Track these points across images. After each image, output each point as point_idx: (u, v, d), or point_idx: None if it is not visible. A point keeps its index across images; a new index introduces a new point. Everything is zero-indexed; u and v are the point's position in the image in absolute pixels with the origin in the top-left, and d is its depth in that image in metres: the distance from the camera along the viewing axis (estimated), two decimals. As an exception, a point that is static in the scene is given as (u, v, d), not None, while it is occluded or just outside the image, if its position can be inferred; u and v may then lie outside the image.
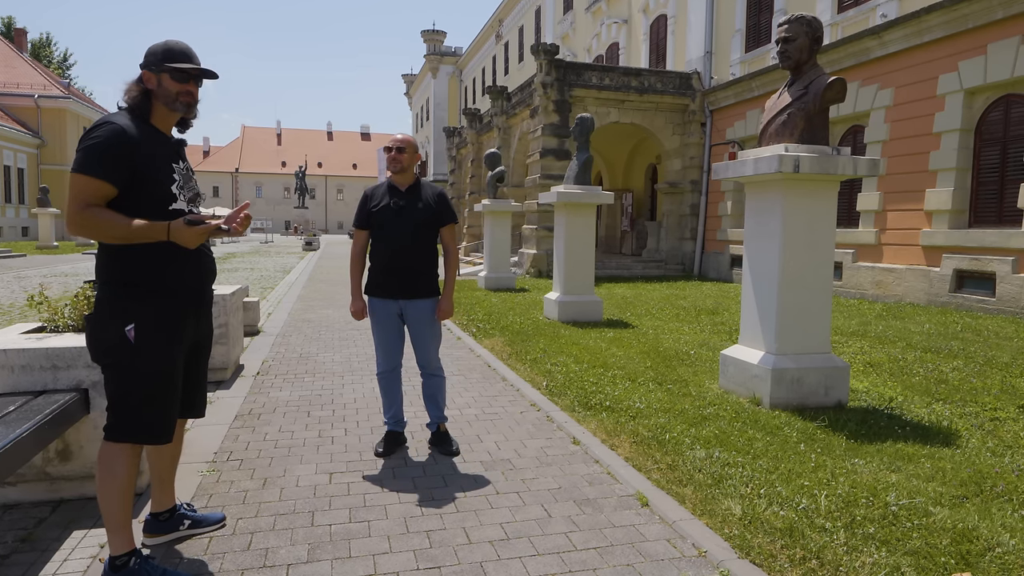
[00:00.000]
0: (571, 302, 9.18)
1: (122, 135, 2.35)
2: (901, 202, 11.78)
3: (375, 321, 3.93)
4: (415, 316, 3.88)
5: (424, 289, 3.87)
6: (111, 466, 2.44)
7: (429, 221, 3.84)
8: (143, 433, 2.48)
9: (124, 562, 2.41)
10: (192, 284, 2.61)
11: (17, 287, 13.34)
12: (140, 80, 2.50)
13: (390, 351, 3.95)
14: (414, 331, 3.93)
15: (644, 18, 22.10)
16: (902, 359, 6.64)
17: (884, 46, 12.02)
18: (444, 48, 53.87)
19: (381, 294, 3.87)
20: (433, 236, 3.91)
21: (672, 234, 18.86)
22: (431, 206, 3.84)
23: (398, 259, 3.82)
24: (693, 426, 4.37)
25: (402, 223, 3.80)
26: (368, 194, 3.97)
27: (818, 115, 4.85)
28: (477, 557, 2.72)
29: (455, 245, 4.01)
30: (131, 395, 2.44)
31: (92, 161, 2.30)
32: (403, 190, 3.87)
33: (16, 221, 37.02)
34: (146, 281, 2.45)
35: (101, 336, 2.44)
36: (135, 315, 2.41)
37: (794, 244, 4.90)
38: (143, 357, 2.42)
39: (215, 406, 4.85)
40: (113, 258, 2.43)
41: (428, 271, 3.90)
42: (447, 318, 3.96)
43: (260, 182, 78.36)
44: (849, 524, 2.96)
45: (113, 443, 2.45)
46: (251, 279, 15.94)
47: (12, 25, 50.59)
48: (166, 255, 2.46)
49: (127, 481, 2.45)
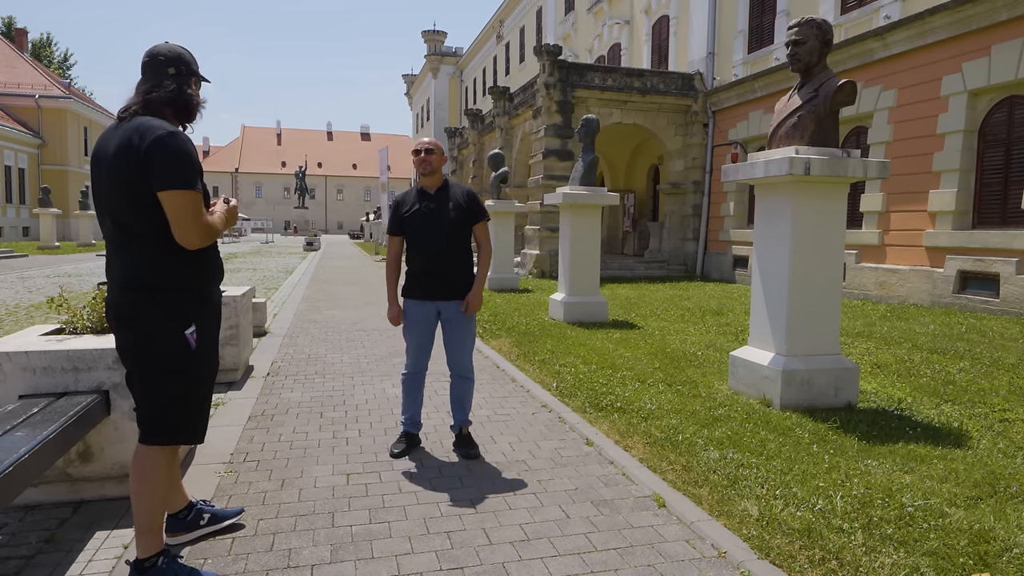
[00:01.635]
0: (577, 303, 9.20)
1: (194, 147, 2.44)
2: (905, 203, 11.81)
3: (410, 323, 3.94)
4: (451, 317, 3.90)
5: (461, 290, 3.89)
6: (152, 470, 2.46)
7: (461, 221, 3.86)
8: (189, 435, 2.54)
9: (153, 563, 2.42)
10: (217, 285, 2.68)
11: (21, 287, 13.35)
12: (193, 91, 2.55)
13: (421, 353, 3.97)
14: (448, 331, 3.94)
15: (646, 19, 22.12)
16: (909, 360, 6.67)
17: (888, 47, 12.05)
18: (445, 48, 53.88)
19: (419, 296, 3.89)
20: (467, 236, 3.93)
21: (674, 235, 18.89)
22: (462, 206, 3.86)
23: (434, 262, 3.84)
24: (705, 427, 4.40)
25: (435, 226, 3.81)
26: (399, 200, 3.99)
27: (828, 117, 4.88)
28: (499, 558, 2.75)
29: (489, 241, 4.04)
30: (188, 398, 2.49)
31: (192, 177, 2.36)
32: (433, 193, 3.88)
33: (17, 221, 37.00)
34: (199, 284, 2.52)
35: (157, 340, 2.41)
36: (196, 318, 2.47)
37: (804, 245, 4.92)
38: (201, 360, 2.48)
39: (228, 407, 4.87)
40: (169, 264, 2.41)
41: (464, 271, 3.92)
42: (475, 311, 3.96)
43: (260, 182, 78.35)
44: (866, 525, 2.98)
45: (154, 447, 2.47)
46: (254, 279, 15.96)
47: (13, 25, 50.57)
48: (212, 259, 2.58)
49: (167, 484, 2.50)
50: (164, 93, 2.45)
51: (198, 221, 2.36)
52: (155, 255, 2.39)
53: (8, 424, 2.64)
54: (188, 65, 2.53)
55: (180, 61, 2.51)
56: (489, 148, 22.84)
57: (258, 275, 17.48)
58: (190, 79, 2.54)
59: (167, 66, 2.47)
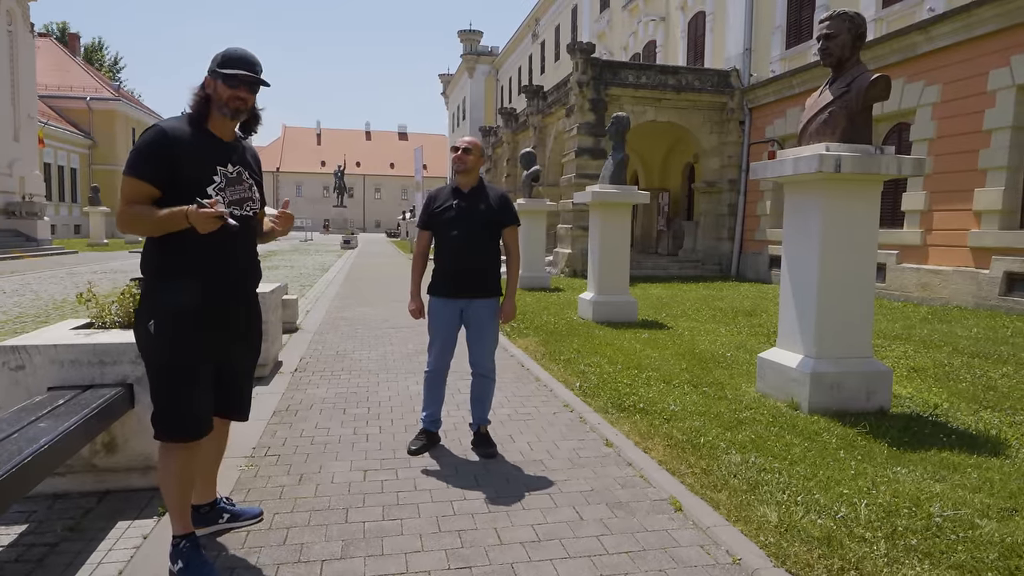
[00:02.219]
0: (605, 302, 9.13)
1: (163, 138, 2.45)
2: (948, 202, 11.41)
3: (434, 320, 3.96)
4: (475, 315, 3.90)
5: (486, 289, 3.90)
6: (163, 462, 2.60)
7: (491, 223, 3.86)
8: (172, 430, 2.56)
9: (178, 542, 2.56)
10: (231, 282, 2.63)
11: (70, 283, 13.82)
12: (203, 85, 2.61)
13: (444, 351, 3.99)
14: (472, 330, 3.94)
15: (682, 15, 21.83)
16: (948, 364, 6.44)
17: (931, 41, 11.65)
18: (480, 48, 54.05)
19: (444, 294, 3.91)
20: (496, 237, 3.93)
21: (709, 234, 18.61)
22: (493, 208, 3.86)
23: (461, 260, 3.85)
24: (729, 430, 4.31)
25: (464, 225, 3.82)
26: (432, 195, 4.02)
27: (860, 113, 4.73)
28: (508, 558, 2.73)
29: (518, 247, 4.02)
30: (157, 390, 2.57)
31: (134, 163, 2.45)
32: (466, 192, 3.89)
33: (69, 219, 38.32)
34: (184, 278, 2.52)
35: (136, 330, 2.59)
36: (157, 311, 2.51)
37: (834, 245, 4.79)
38: (162, 351, 2.52)
39: (254, 402, 4.88)
40: (153, 254, 2.55)
41: (490, 272, 3.92)
42: (510, 320, 3.97)
43: (300, 181, 79.70)
44: (890, 535, 2.88)
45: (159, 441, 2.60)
46: (290, 277, 16.23)
47: (66, 30, 52.40)
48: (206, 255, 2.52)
49: (182, 475, 2.59)
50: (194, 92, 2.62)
51: (120, 206, 2.46)
52: (148, 248, 2.57)
53: (34, 415, 2.73)
54: (212, 62, 2.61)
55: (211, 63, 2.62)
56: (523, 147, 22.82)
57: (295, 272, 17.78)
58: (206, 76, 2.62)
59: None
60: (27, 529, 2.92)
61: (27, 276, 15.49)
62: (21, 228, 25.36)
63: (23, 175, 26.12)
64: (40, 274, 16.12)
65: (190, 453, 2.60)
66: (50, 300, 10.99)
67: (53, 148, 35.43)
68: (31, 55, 27.16)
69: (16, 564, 2.64)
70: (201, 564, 2.54)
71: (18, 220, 25.39)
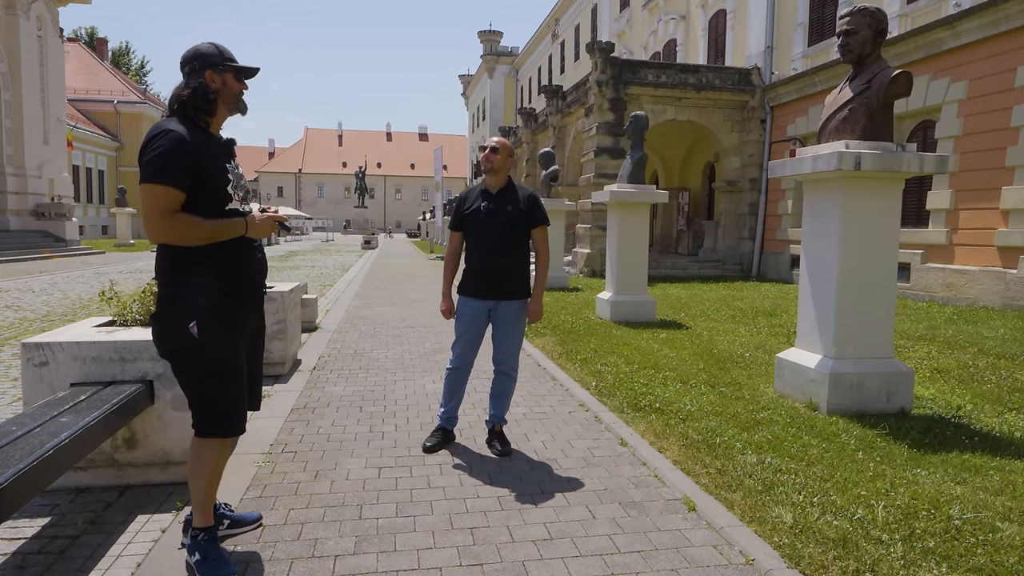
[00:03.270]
0: (623, 302, 9.10)
1: (183, 141, 2.39)
2: (975, 200, 11.19)
3: (462, 319, 3.98)
4: (503, 315, 3.91)
5: (515, 290, 3.90)
6: (197, 458, 2.60)
7: (520, 223, 3.86)
8: (220, 427, 2.59)
9: (197, 534, 2.58)
10: (253, 279, 2.69)
11: (96, 283, 14.09)
12: (203, 82, 2.51)
13: (468, 349, 4.00)
14: (498, 328, 3.95)
15: (702, 13, 21.67)
16: (973, 365, 6.32)
17: (957, 37, 11.44)
18: (500, 48, 54.12)
19: (473, 294, 3.93)
20: (525, 238, 3.93)
21: (730, 233, 18.45)
22: (521, 208, 3.86)
23: (490, 261, 3.86)
24: (745, 430, 4.27)
25: (493, 225, 3.83)
26: (462, 197, 4.06)
27: (881, 110, 4.66)
28: (519, 556, 2.73)
29: (547, 247, 4.00)
30: (205, 390, 2.54)
31: (162, 170, 2.35)
32: (494, 192, 3.91)
33: (96, 220, 39.08)
34: (212, 279, 2.50)
35: (169, 334, 2.51)
36: (195, 312, 2.46)
37: (854, 244, 4.72)
38: (208, 351, 2.50)
39: (272, 400, 5.01)
40: (177, 258, 2.48)
41: (519, 273, 3.92)
42: (537, 320, 3.97)
43: (322, 182, 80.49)
44: (908, 537, 2.84)
45: (197, 438, 2.59)
46: (311, 276, 16.41)
47: (95, 35, 53.51)
48: (228, 253, 2.55)
49: (213, 471, 2.63)
50: (175, 93, 2.52)
51: (158, 216, 2.36)
52: (166, 253, 2.49)
53: (56, 410, 2.80)
54: (203, 58, 2.53)
55: (194, 58, 2.53)
56: (542, 147, 22.80)
57: (316, 272, 17.96)
58: (203, 73, 2.53)
59: (183, 67, 2.55)
60: (50, 522, 2.99)
61: (56, 276, 15.82)
62: (50, 229, 25.91)
63: (52, 177, 26.68)
64: (68, 274, 16.46)
65: (225, 449, 2.66)
66: (77, 299, 11.21)
67: (81, 151, 36.17)
68: (60, 59, 27.72)
69: (39, 556, 2.71)
70: (218, 557, 2.57)
71: (47, 221, 25.94)
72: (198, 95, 2.50)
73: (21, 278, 14.97)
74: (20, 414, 2.79)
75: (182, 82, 2.54)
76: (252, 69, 2.62)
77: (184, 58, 2.56)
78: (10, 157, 24.47)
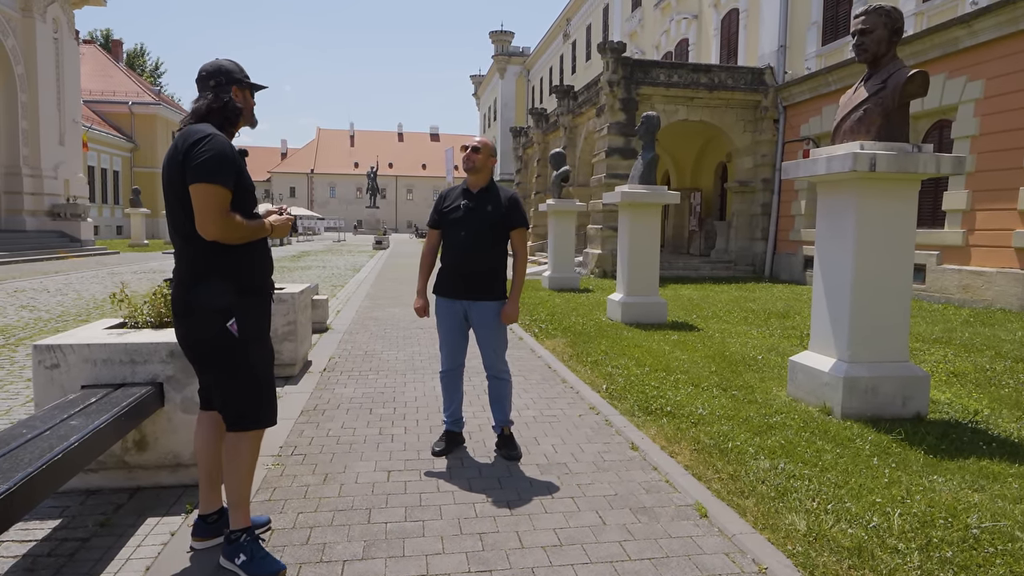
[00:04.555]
0: (634, 303, 9.05)
1: (230, 145, 2.56)
2: (992, 201, 11.04)
3: (440, 320, 3.97)
4: (480, 318, 3.88)
5: (489, 291, 3.86)
6: (234, 453, 2.68)
7: (498, 224, 3.83)
8: (258, 419, 2.70)
9: (238, 536, 2.61)
10: (270, 278, 2.83)
11: (110, 283, 14.21)
12: (230, 97, 2.68)
13: (454, 350, 3.98)
14: (479, 333, 3.92)
15: (715, 13, 21.55)
16: (990, 369, 6.23)
17: (974, 35, 11.29)
18: (512, 48, 54.09)
19: (447, 294, 3.91)
20: (502, 239, 3.90)
21: (742, 234, 18.33)
22: (501, 209, 3.83)
23: (465, 260, 3.83)
24: (758, 435, 4.23)
25: (471, 224, 3.81)
26: (443, 195, 4.03)
27: (897, 111, 4.60)
28: (529, 562, 2.71)
29: (524, 249, 3.96)
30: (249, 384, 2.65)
31: (220, 171, 2.47)
32: (475, 192, 3.88)
33: (111, 220, 39.43)
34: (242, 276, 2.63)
35: (206, 334, 2.59)
36: (235, 310, 2.58)
37: (869, 247, 4.66)
38: (249, 346, 2.61)
39: (283, 401, 5.01)
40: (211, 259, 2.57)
41: (495, 274, 3.89)
42: (512, 322, 3.94)
43: (334, 182, 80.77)
44: (924, 546, 2.79)
45: (232, 433, 2.66)
46: (322, 277, 16.45)
47: (110, 37, 54.00)
48: (256, 253, 2.69)
49: (250, 465, 2.70)
50: (204, 103, 2.64)
51: (218, 214, 2.47)
52: (200, 255, 2.56)
53: (67, 412, 2.80)
54: (228, 75, 2.70)
55: (219, 73, 2.68)
56: (553, 147, 22.77)
57: (327, 272, 18.01)
58: (229, 88, 2.69)
59: (208, 79, 2.67)
60: (60, 524, 3.00)
61: (71, 276, 15.97)
62: (66, 229, 26.16)
63: (68, 178, 26.94)
64: (83, 274, 16.61)
65: (260, 441, 2.76)
66: (91, 299, 11.30)
67: (96, 151, 36.51)
68: (76, 61, 27.99)
69: (49, 558, 2.71)
70: (264, 554, 2.59)
71: (63, 221, 26.20)
72: (230, 109, 2.67)
73: (37, 278, 15.12)
74: (31, 416, 2.79)
75: (209, 94, 2.65)
76: (263, 87, 2.84)
77: (207, 71, 2.68)
78: (26, 158, 24.74)
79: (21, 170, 24.49)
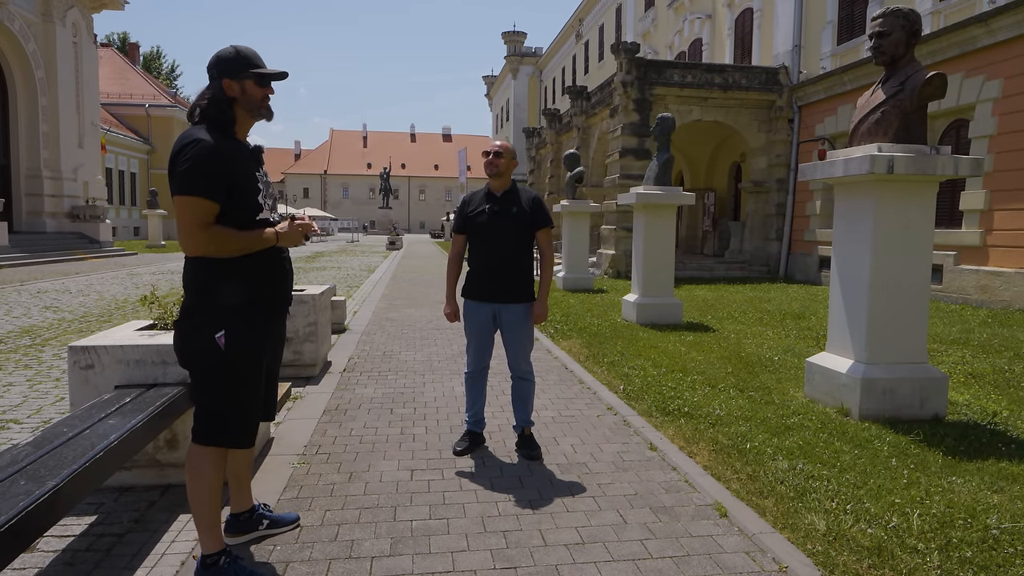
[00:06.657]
0: (650, 304, 9.07)
1: (214, 151, 2.36)
2: (1010, 201, 10.96)
3: (469, 323, 4.02)
4: (509, 320, 3.93)
5: (519, 293, 3.92)
6: (196, 468, 2.51)
7: (524, 226, 3.89)
8: (228, 438, 2.53)
9: (215, 561, 2.48)
10: (283, 289, 2.69)
11: (130, 284, 14.41)
12: (221, 89, 2.49)
13: (480, 353, 4.04)
14: (507, 334, 3.98)
15: (728, 12, 21.49)
16: (1009, 370, 6.21)
17: (992, 34, 11.21)
18: (524, 49, 54.17)
19: (477, 297, 3.96)
20: (529, 241, 3.96)
21: (756, 234, 18.27)
22: (526, 211, 3.89)
23: (494, 264, 3.89)
24: (776, 436, 4.26)
25: (497, 228, 3.87)
26: (466, 200, 4.08)
27: (915, 112, 4.61)
28: (552, 560, 2.77)
29: (551, 249, 4.01)
30: (218, 399, 2.49)
31: (198, 182, 2.32)
32: (499, 195, 3.93)
33: (128, 222, 39.87)
34: (243, 288, 2.47)
35: (192, 342, 2.48)
36: (226, 322, 2.44)
37: (887, 248, 4.67)
38: (232, 362, 2.45)
39: (305, 401, 5.10)
40: (206, 268, 2.45)
41: (523, 276, 3.95)
42: (541, 321, 4.00)
43: (347, 183, 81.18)
44: (944, 546, 2.82)
45: (197, 446, 2.52)
46: (338, 278, 16.58)
47: (127, 40, 54.69)
48: (259, 263, 2.52)
49: (214, 483, 2.51)
50: (195, 103, 2.52)
51: (195, 228, 2.33)
52: (197, 262, 2.46)
53: (103, 412, 2.89)
54: (221, 63, 2.49)
55: (214, 66, 2.50)
56: (567, 148, 22.80)
57: (342, 273, 18.15)
58: (221, 81, 2.49)
59: (208, 73, 2.52)
60: (96, 520, 3.09)
61: (91, 277, 16.20)
62: (85, 231, 26.50)
63: (87, 180, 27.29)
64: (103, 275, 16.85)
65: (224, 460, 2.57)
66: (112, 300, 11.48)
67: (114, 154, 36.93)
68: (94, 65, 28.35)
69: (87, 553, 2.80)
70: (251, 573, 2.52)
71: (82, 223, 26.54)
72: (212, 104, 2.48)
73: (58, 279, 15.36)
74: (69, 415, 2.89)
75: (204, 89, 2.51)
76: (274, 74, 2.56)
77: (208, 64, 2.52)
78: (46, 161, 25.09)
79: (41, 172, 24.84)
